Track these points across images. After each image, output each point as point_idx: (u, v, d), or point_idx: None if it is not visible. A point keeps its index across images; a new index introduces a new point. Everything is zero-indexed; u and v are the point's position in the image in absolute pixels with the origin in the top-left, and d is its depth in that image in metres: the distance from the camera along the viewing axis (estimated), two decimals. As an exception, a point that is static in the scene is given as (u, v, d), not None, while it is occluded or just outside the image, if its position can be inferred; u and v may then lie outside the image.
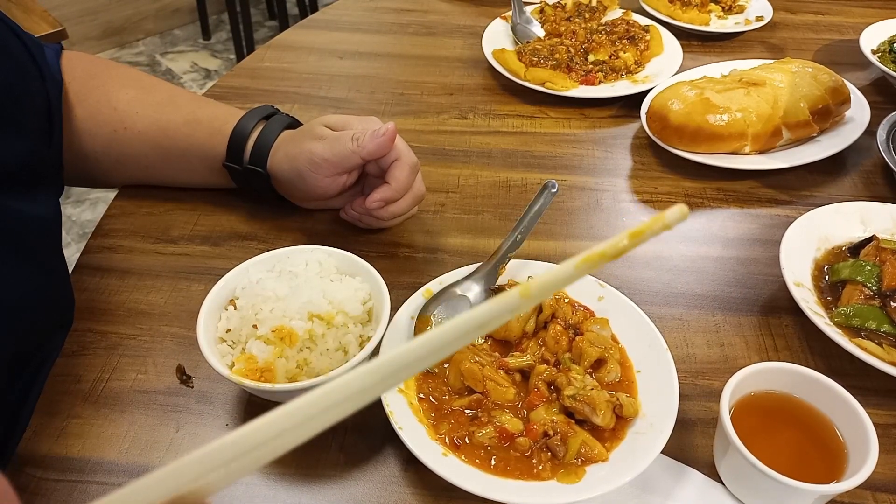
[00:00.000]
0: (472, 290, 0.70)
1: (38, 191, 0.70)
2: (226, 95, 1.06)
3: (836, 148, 0.93)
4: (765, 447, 0.54)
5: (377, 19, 1.30)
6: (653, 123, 0.95)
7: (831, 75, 0.99)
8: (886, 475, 0.60)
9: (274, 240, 0.81)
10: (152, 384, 0.66)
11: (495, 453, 0.58)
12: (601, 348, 0.64)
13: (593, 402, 0.59)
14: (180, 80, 3.14)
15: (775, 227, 0.84)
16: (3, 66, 0.67)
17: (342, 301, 0.63)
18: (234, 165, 0.79)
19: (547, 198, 0.76)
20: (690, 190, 0.91)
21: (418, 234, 0.83)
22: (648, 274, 0.78)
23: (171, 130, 0.80)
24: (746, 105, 0.93)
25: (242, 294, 0.64)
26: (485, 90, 1.10)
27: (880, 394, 0.65)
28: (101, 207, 2.42)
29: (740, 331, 0.72)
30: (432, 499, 0.58)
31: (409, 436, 0.57)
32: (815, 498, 0.53)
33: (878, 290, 0.70)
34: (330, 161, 0.73)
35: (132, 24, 3.32)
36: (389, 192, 0.73)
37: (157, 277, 0.77)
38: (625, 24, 1.19)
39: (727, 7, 1.31)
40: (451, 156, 0.96)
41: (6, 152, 0.65)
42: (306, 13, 3.22)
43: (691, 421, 0.64)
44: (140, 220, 0.84)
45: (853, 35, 1.18)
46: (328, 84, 1.10)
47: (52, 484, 0.59)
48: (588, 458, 0.57)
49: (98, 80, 0.81)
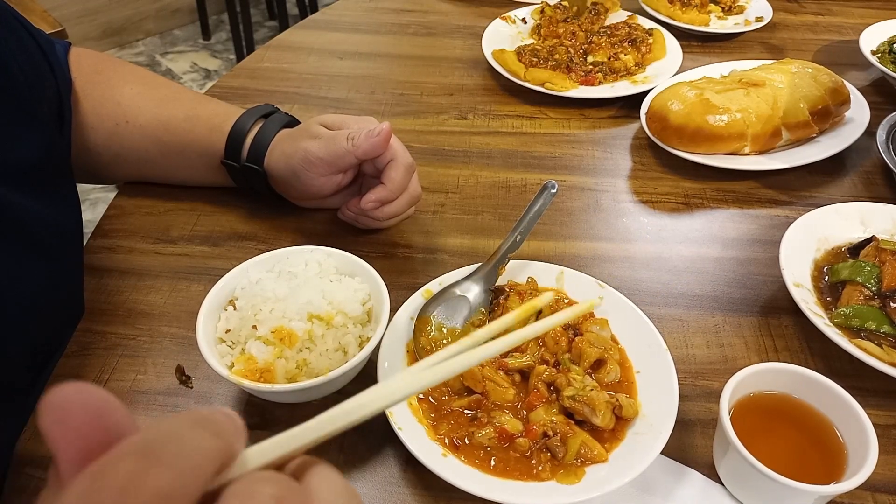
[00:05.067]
0: (471, 291, 0.70)
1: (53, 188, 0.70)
2: (226, 96, 1.06)
3: (835, 148, 0.93)
4: (764, 447, 0.54)
5: (377, 20, 1.30)
6: (652, 124, 0.95)
7: (831, 76, 0.99)
8: (886, 475, 0.60)
9: (273, 240, 0.81)
10: (152, 384, 0.66)
11: (495, 454, 0.58)
12: (601, 349, 0.64)
13: (593, 403, 0.59)
14: (180, 80, 3.14)
15: (775, 227, 0.84)
16: (20, 62, 0.68)
17: (342, 301, 0.63)
18: (231, 163, 0.79)
19: (546, 198, 0.76)
20: (690, 190, 0.91)
21: (418, 234, 0.83)
22: (648, 274, 0.78)
23: (171, 126, 0.80)
24: (746, 106, 0.93)
25: (242, 294, 0.64)
26: (485, 91, 1.10)
27: (880, 394, 0.65)
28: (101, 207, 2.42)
29: (740, 331, 0.72)
30: (432, 499, 0.58)
31: (409, 436, 0.57)
32: (815, 498, 0.53)
33: (877, 291, 0.70)
34: (325, 160, 0.73)
35: (132, 25, 3.32)
36: (384, 192, 0.73)
37: (156, 278, 0.77)
38: (627, 27, 1.19)
39: (727, 8, 1.31)
40: (450, 156, 0.96)
41: (25, 147, 0.66)
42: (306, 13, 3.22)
43: (691, 421, 0.64)
44: (140, 220, 0.84)
45: (853, 36, 1.18)
46: (328, 84, 1.10)
47: (51, 484, 0.58)
48: (588, 459, 0.57)
49: (103, 76, 0.82)
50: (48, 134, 0.70)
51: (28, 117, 0.67)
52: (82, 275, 0.74)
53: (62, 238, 0.70)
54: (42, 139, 0.69)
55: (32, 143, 0.67)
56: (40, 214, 0.66)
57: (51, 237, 0.68)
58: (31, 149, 0.66)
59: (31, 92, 0.69)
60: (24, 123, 0.66)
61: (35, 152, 0.67)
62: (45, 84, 0.73)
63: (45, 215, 0.67)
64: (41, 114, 0.70)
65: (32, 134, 0.67)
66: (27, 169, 0.66)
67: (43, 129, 0.69)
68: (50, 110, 0.73)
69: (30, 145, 0.66)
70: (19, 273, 0.63)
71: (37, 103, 0.69)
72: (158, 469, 0.21)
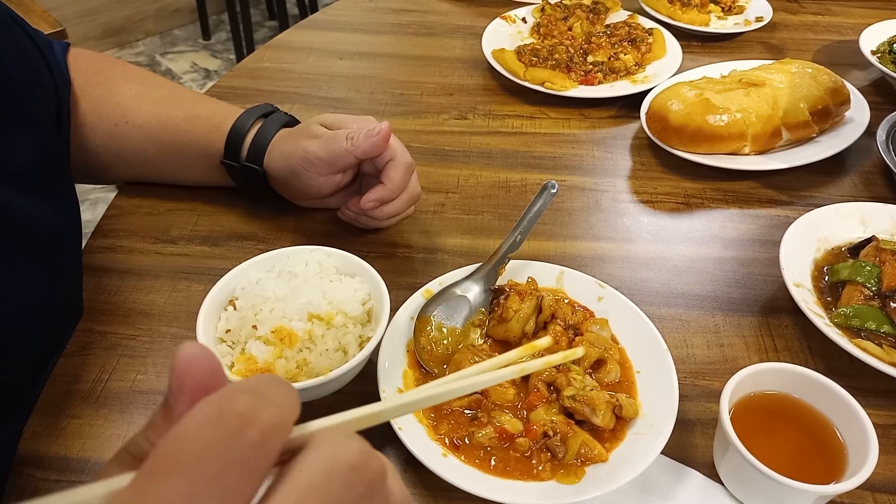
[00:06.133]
0: (471, 291, 0.70)
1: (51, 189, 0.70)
2: (226, 96, 1.06)
3: (835, 148, 0.93)
4: (765, 447, 0.54)
5: (377, 20, 1.30)
6: (652, 124, 0.95)
7: (831, 76, 0.99)
8: (886, 475, 0.60)
9: (273, 240, 0.81)
10: (152, 384, 0.66)
11: (495, 454, 0.58)
12: (601, 349, 0.64)
13: (593, 403, 0.59)
14: (180, 80, 3.14)
15: (775, 227, 0.84)
16: (18, 63, 0.68)
17: (342, 301, 0.63)
18: (231, 162, 0.79)
19: (546, 198, 0.76)
20: (690, 190, 0.91)
21: (418, 234, 0.83)
22: (648, 274, 0.78)
23: (171, 125, 0.80)
24: (746, 106, 0.93)
25: (242, 294, 0.64)
26: (484, 90, 1.10)
27: (880, 394, 0.65)
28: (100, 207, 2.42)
29: (740, 331, 0.72)
30: (432, 499, 0.58)
31: (409, 436, 0.57)
32: (815, 498, 0.53)
33: (877, 291, 0.71)
34: (324, 160, 0.73)
35: (132, 24, 3.32)
36: (384, 192, 0.73)
37: (156, 278, 0.77)
38: (627, 27, 1.19)
39: (727, 7, 1.31)
40: (450, 156, 0.96)
41: (23, 148, 0.66)
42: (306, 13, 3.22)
43: (691, 421, 0.64)
44: (140, 220, 0.84)
45: (853, 36, 1.18)
46: (328, 84, 1.10)
47: (52, 484, 0.58)
48: (588, 459, 0.57)
49: (102, 76, 0.82)
50: (46, 135, 0.70)
51: (26, 118, 0.67)
52: (81, 275, 0.74)
53: (60, 238, 0.70)
54: (40, 140, 0.68)
55: (30, 145, 0.67)
56: (38, 215, 0.66)
57: (49, 238, 0.67)
58: (28, 150, 0.66)
59: (29, 93, 0.68)
60: (21, 124, 0.66)
61: (33, 153, 0.67)
62: (42, 85, 0.73)
63: (43, 216, 0.67)
64: (39, 115, 0.70)
65: (30, 135, 0.67)
66: (25, 170, 0.66)
67: (41, 130, 0.69)
68: (48, 111, 0.73)
69: (28, 146, 0.66)
70: (18, 273, 0.63)
71: (34, 104, 0.69)
72: (269, 406, 0.26)
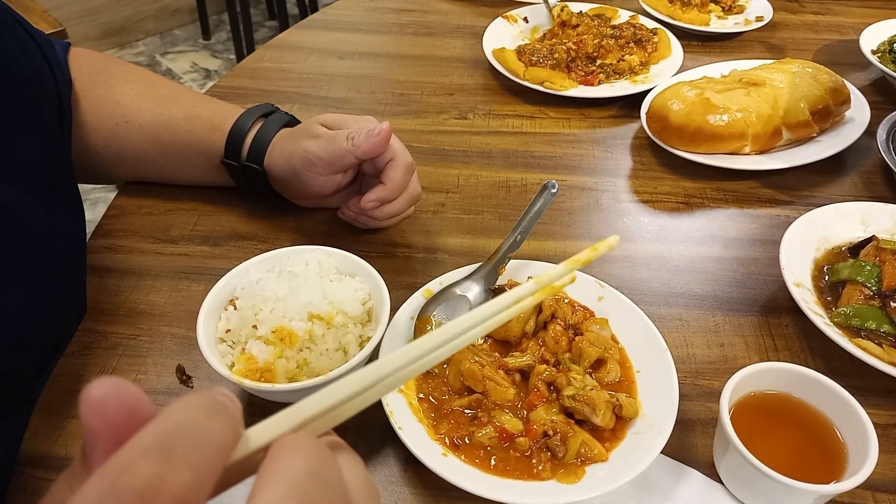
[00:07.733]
0: (471, 291, 0.70)
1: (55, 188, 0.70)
2: (226, 95, 1.06)
3: (836, 148, 0.93)
4: (765, 447, 0.54)
5: (377, 19, 1.30)
6: (653, 124, 0.95)
7: (831, 75, 0.99)
8: (886, 475, 0.60)
9: (273, 240, 0.81)
10: (152, 384, 0.66)
11: (495, 453, 0.58)
12: (601, 348, 0.64)
13: (593, 403, 0.59)
14: (180, 80, 3.14)
15: (775, 227, 0.84)
16: (22, 62, 0.68)
17: (342, 301, 0.63)
18: (231, 162, 0.79)
19: (547, 198, 0.76)
20: (690, 190, 0.91)
21: (418, 234, 0.83)
22: (648, 274, 0.78)
23: (171, 125, 0.81)
24: (746, 105, 0.93)
25: (242, 294, 0.64)
26: (485, 90, 1.10)
27: (880, 394, 0.65)
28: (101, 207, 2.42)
29: (740, 331, 0.72)
30: (432, 499, 0.58)
31: (409, 436, 0.57)
32: (815, 498, 0.53)
33: (877, 291, 0.71)
34: (324, 160, 0.73)
35: (132, 24, 3.32)
36: (384, 192, 0.73)
37: (156, 277, 0.77)
38: (631, 28, 1.19)
39: (727, 7, 1.31)
40: (450, 156, 0.96)
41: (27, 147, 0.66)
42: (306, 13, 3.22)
43: (691, 421, 0.64)
44: (140, 220, 0.84)
45: (853, 35, 1.18)
46: (328, 84, 1.10)
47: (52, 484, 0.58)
48: (588, 459, 0.57)
49: (103, 76, 0.82)
50: (49, 134, 0.71)
51: (29, 117, 0.67)
52: (85, 275, 0.75)
53: (64, 238, 0.70)
54: (43, 139, 0.69)
55: (34, 144, 0.67)
56: (42, 214, 0.66)
57: (53, 237, 0.68)
58: (32, 149, 0.66)
59: (32, 92, 0.69)
60: (25, 124, 0.66)
61: (36, 153, 0.67)
62: (45, 84, 0.73)
63: (47, 215, 0.67)
64: (42, 114, 0.70)
65: (34, 134, 0.67)
66: (29, 169, 0.66)
67: (45, 130, 0.70)
68: (50, 110, 0.73)
69: (31, 146, 0.66)
70: (22, 273, 0.63)
71: (38, 103, 0.69)
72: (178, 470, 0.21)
